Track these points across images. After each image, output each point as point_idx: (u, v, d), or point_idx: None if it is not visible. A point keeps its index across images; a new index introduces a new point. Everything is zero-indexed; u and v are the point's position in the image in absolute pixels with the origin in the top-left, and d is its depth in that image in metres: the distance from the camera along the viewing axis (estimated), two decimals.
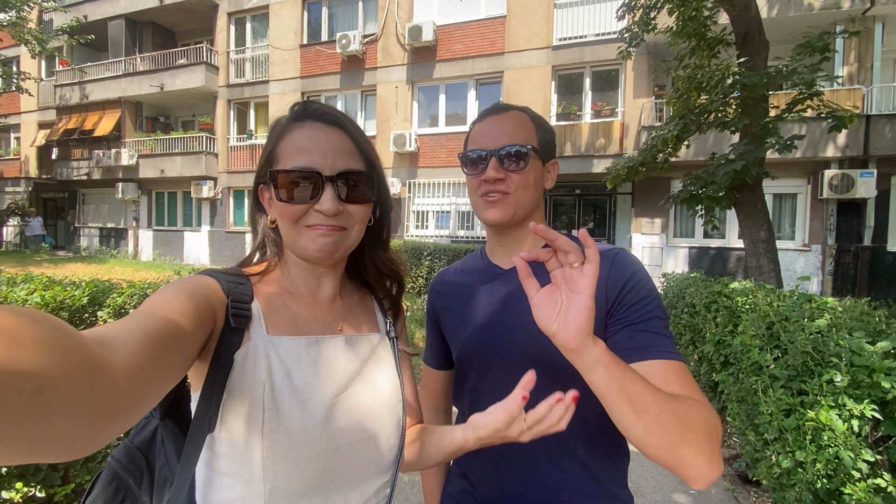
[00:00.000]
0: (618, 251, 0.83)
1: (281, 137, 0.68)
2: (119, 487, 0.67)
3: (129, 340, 0.41)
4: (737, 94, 4.91)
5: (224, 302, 0.61)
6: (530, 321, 0.80)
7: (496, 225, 0.87)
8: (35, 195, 16.86)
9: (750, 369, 2.31)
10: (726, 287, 3.40)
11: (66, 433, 0.31)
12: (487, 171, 0.84)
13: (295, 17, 12.93)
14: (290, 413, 0.61)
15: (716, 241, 9.87)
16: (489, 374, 0.86)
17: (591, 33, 10.33)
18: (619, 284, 0.78)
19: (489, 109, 0.91)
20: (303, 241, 0.67)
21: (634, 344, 0.73)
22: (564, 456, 0.80)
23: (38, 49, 12.46)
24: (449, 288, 0.98)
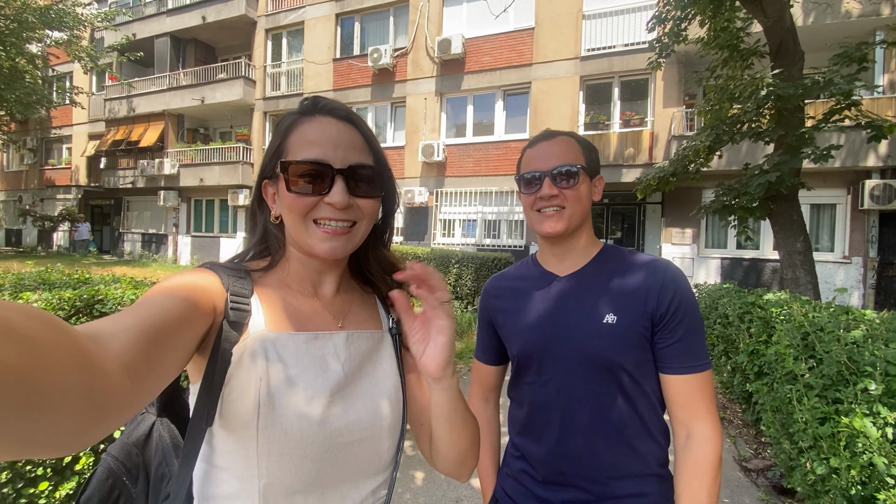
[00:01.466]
0: (667, 264, 0.96)
1: (290, 131, 0.67)
2: (114, 485, 0.67)
3: (124, 335, 0.41)
4: (771, 104, 4.89)
5: (223, 296, 0.61)
6: (585, 322, 0.95)
7: (552, 236, 0.99)
8: (84, 202, 17.88)
9: (784, 379, 2.34)
10: (760, 298, 3.41)
11: (58, 429, 0.31)
12: (542, 189, 0.96)
13: (329, 32, 13.43)
14: (286, 410, 0.60)
15: (749, 252, 9.66)
16: (548, 368, 0.97)
17: (619, 43, 10.36)
18: (668, 297, 0.90)
19: (539, 136, 1.03)
20: (310, 238, 0.66)
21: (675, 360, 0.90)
22: (617, 441, 0.92)
23: (90, 65, 13.31)
24: (506, 292, 1.09)
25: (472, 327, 6.64)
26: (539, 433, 0.98)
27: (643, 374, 0.92)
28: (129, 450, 0.68)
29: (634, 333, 0.90)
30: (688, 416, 0.90)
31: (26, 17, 10.61)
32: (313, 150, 0.64)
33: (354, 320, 0.74)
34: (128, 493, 0.66)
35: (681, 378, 0.90)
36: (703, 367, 0.90)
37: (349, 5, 13.15)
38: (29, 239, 19.00)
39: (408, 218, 12.36)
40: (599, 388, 0.93)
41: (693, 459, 0.88)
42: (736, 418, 3.94)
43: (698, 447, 0.88)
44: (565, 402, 0.95)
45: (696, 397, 0.89)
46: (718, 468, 0.87)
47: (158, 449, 0.68)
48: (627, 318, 0.91)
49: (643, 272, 0.95)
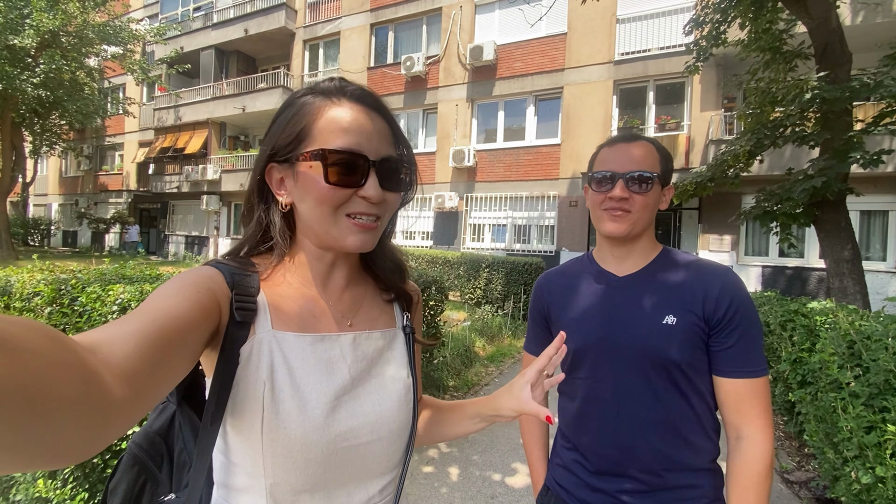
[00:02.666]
0: (727, 270, 0.98)
1: (318, 115, 0.62)
2: (140, 471, 0.69)
3: (125, 343, 0.41)
4: (816, 107, 4.74)
5: (228, 295, 0.59)
6: (644, 322, 1.00)
7: (615, 237, 1.01)
8: (133, 206, 18.96)
9: (829, 387, 2.29)
10: (804, 306, 3.32)
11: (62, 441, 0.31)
12: (614, 191, 0.97)
13: (363, 41, 13.81)
14: (289, 414, 0.59)
15: (793, 261, 9.29)
16: (605, 364, 0.99)
17: (654, 47, 10.21)
18: (726, 302, 0.92)
19: (619, 137, 1.04)
20: (339, 231, 0.63)
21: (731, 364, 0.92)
22: (672, 435, 0.95)
23: (142, 77, 14.15)
24: (561, 288, 1.12)
25: (501, 331, 6.68)
26: (594, 425, 1.01)
27: (698, 374, 0.95)
28: (152, 438, 0.70)
29: (692, 335, 0.94)
30: (737, 419, 0.92)
31: (86, 33, 11.42)
32: (348, 139, 0.61)
33: (365, 318, 0.72)
34: (154, 477, 0.69)
35: (732, 381, 0.92)
36: (758, 374, 0.91)
37: (383, 15, 13.49)
38: (83, 240, 20.28)
39: (438, 222, 12.51)
40: (656, 384, 0.96)
41: (743, 461, 0.90)
42: (777, 429, 3.83)
43: (748, 448, 0.90)
44: (622, 397, 0.98)
45: (748, 401, 0.90)
46: (769, 470, 0.89)
47: (180, 437, 0.69)
48: (686, 321, 0.94)
49: (702, 276, 0.97)
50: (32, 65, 10.35)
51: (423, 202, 12.85)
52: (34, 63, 10.42)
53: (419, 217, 12.96)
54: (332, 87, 0.64)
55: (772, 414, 0.94)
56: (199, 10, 16.97)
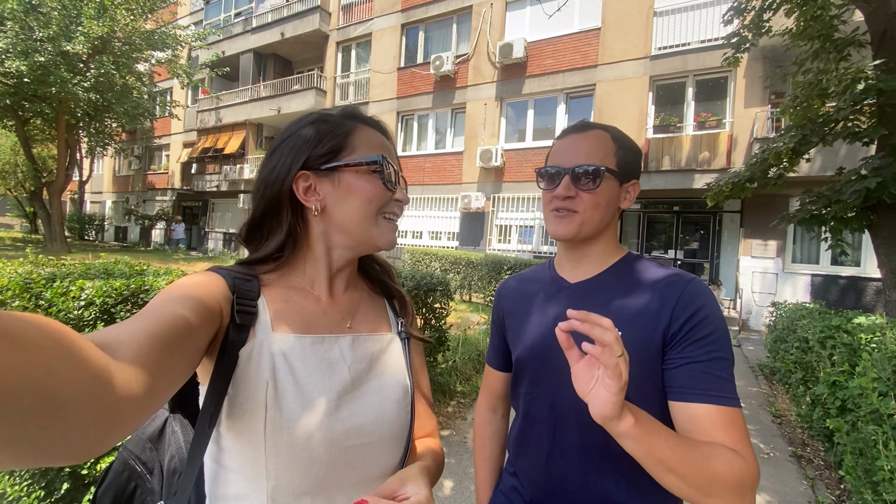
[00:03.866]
0: (690, 280, 0.81)
1: (352, 133, 0.71)
2: (130, 477, 0.68)
3: (134, 343, 0.42)
4: (872, 100, 4.27)
5: (230, 299, 0.61)
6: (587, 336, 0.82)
7: (561, 240, 0.90)
8: (177, 203, 19.91)
9: (869, 418, 1.99)
10: (848, 321, 2.96)
11: (74, 437, 0.32)
12: (558, 188, 0.87)
13: (394, 42, 13.86)
14: (293, 413, 0.60)
15: (847, 269, 8.52)
16: (544, 380, 0.88)
17: (695, 40, 9.65)
18: (685, 314, 0.77)
19: (572, 127, 0.92)
20: (378, 230, 0.71)
21: (693, 385, 0.74)
22: (611, 471, 0.81)
23: (187, 81, 14.82)
24: (515, 294, 1.02)
25: None
26: (529, 449, 0.90)
27: (647, 401, 0.78)
28: (143, 444, 0.70)
29: (640, 353, 0.78)
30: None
31: (134, 39, 12.04)
32: (380, 151, 0.71)
33: (363, 321, 0.75)
34: (143, 484, 0.68)
35: (696, 406, 0.72)
36: (727, 401, 0.71)
37: (414, 15, 13.49)
38: (132, 236, 21.48)
39: (464, 223, 12.36)
40: None
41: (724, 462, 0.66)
42: (817, 458, 3.45)
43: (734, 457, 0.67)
44: (557, 420, 0.86)
45: (721, 429, 0.69)
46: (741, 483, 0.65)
47: (171, 444, 0.69)
48: (635, 337, 0.79)
49: (662, 285, 0.82)
50: (84, 69, 10.99)
51: (450, 202, 12.74)
52: (86, 68, 11.06)
53: (445, 217, 12.86)
54: (352, 110, 0.74)
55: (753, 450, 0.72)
56: (240, 16, 17.58)
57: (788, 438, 3.77)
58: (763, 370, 5.86)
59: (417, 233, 13.43)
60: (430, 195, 12.99)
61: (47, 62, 10.00)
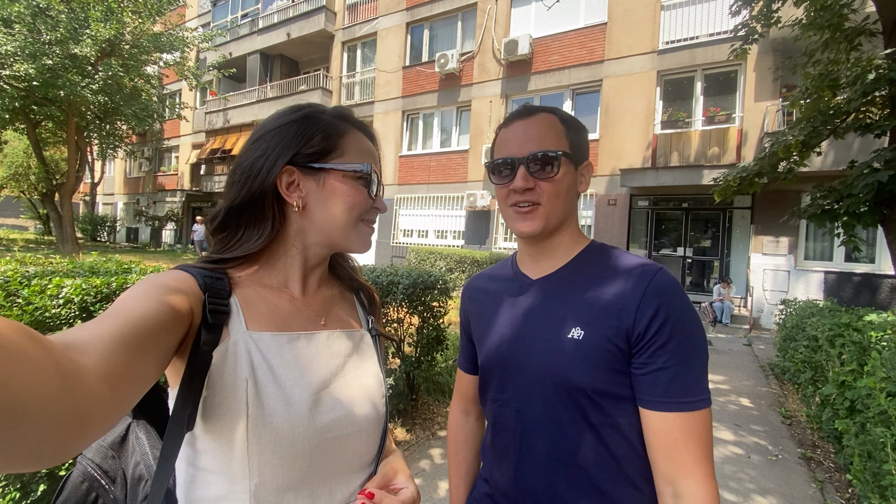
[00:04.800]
0: (655, 271, 0.75)
1: (344, 134, 0.71)
2: (91, 487, 0.66)
3: (100, 343, 0.40)
4: (883, 90, 4.12)
5: (200, 298, 0.59)
6: (548, 335, 0.79)
7: (528, 237, 0.84)
8: (187, 204, 20.09)
9: (878, 419, 1.90)
10: (858, 319, 2.85)
11: (41, 441, 0.30)
12: (516, 181, 0.80)
13: (399, 41, 13.84)
14: (275, 409, 0.60)
15: (862, 266, 8.30)
16: (509, 385, 0.83)
17: (703, 33, 9.48)
18: (650, 312, 0.71)
19: (515, 113, 0.86)
20: (357, 234, 0.71)
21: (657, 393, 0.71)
22: (582, 482, 0.76)
23: (195, 83, 14.95)
24: (479, 294, 0.97)
25: None
26: (498, 458, 0.85)
27: (615, 406, 0.74)
28: (104, 452, 0.68)
29: (604, 354, 0.73)
30: (671, 469, 0.69)
31: (142, 42, 12.16)
32: (368, 159, 0.71)
33: (336, 318, 0.75)
34: (105, 495, 0.66)
35: (661, 416, 0.70)
36: (695, 406, 0.69)
37: (419, 13, 13.45)
38: (143, 237, 21.75)
39: (469, 222, 12.30)
40: (560, 415, 0.76)
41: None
42: (827, 460, 3.34)
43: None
44: (524, 427, 0.80)
45: (682, 444, 0.69)
46: None
47: (135, 451, 0.67)
48: (596, 334, 0.74)
49: (625, 278, 0.76)
50: (92, 72, 11.12)
51: (455, 201, 12.67)
52: (94, 71, 11.19)
53: (451, 216, 12.80)
54: (345, 112, 0.74)
55: (712, 459, 0.70)
56: (247, 17, 17.70)
57: (798, 440, 3.65)
58: (773, 369, 5.72)
59: (423, 232, 13.38)
60: (436, 194, 12.94)
61: (55, 65, 10.12)
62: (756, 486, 2.89)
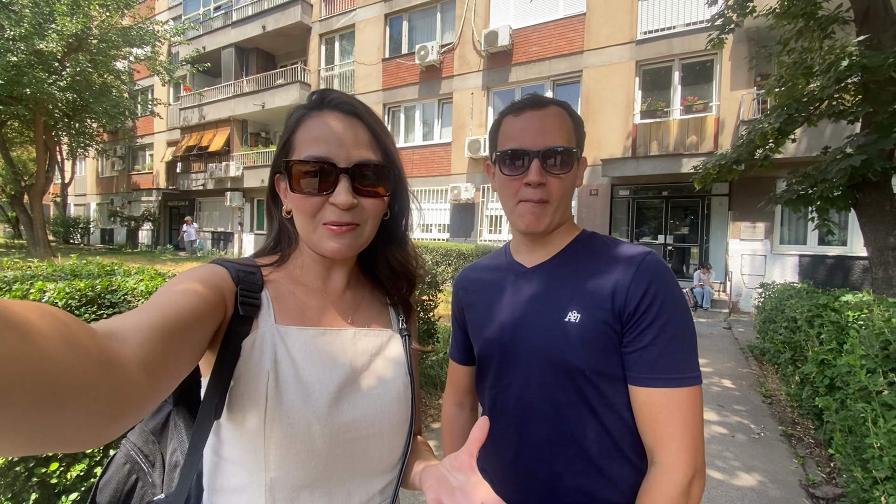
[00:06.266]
0: (645, 254, 0.78)
1: (298, 126, 0.66)
2: (132, 470, 0.68)
3: (140, 332, 0.42)
4: (856, 77, 4.25)
5: (233, 290, 0.61)
6: (546, 320, 0.81)
7: (533, 234, 0.84)
8: (164, 204, 19.58)
9: (858, 395, 1.98)
10: (835, 300, 2.95)
11: (79, 424, 0.31)
12: (531, 175, 0.78)
13: (378, 32, 13.65)
14: (294, 404, 0.60)
15: (834, 249, 8.59)
16: (508, 372, 0.85)
17: (680, 23, 9.60)
18: (639, 293, 0.74)
19: (526, 102, 0.83)
20: (317, 237, 0.66)
21: (647, 369, 0.73)
22: (581, 461, 0.78)
23: (168, 78, 14.50)
24: (473, 284, 0.97)
25: None
26: (497, 445, 0.86)
27: (611, 386, 0.77)
28: (146, 436, 0.69)
29: (600, 335, 0.76)
30: (652, 440, 0.73)
31: (111, 36, 11.73)
32: (318, 148, 0.63)
33: (364, 317, 0.74)
34: (145, 477, 0.68)
35: (647, 392, 0.73)
36: (680, 382, 0.72)
37: (397, 4, 13.28)
38: (119, 238, 21.14)
39: (454, 214, 12.29)
40: (559, 397, 0.79)
41: (648, 492, 0.71)
42: (807, 436, 3.47)
43: (656, 477, 0.71)
44: (524, 412, 0.82)
45: (664, 417, 0.71)
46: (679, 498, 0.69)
47: (173, 437, 0.68)
48: (592, 317, 0.76)
49: (617, 263, 0.79)
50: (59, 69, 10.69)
51: (439, 194, 12.65)
52: (61, 67, 10.76)
53: (435, 209, 12.77)
54: (315, 98, 0.68)
55: (699, 434, 0.72)
56: (220, 10, 17.23)
57: (779, 418, 3.79)
58: (753, 351, 5.90)
59: None
60: (420, 187, 12.88)
61: (20, 62, 9.70)
62: (741, 464, 3.00)
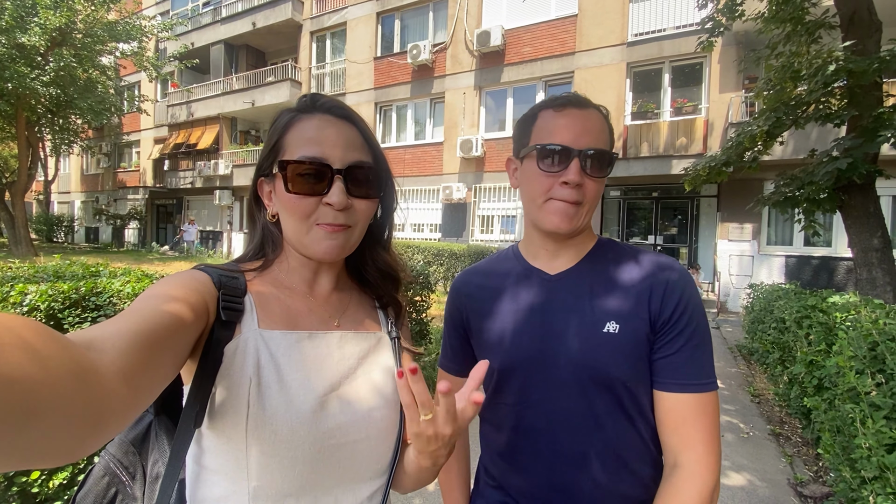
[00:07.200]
0: (672, 262, 0.81)
1: (288, 128, 0.66)
2: (111, 482, 0.66)
3: (119, 341, 0.40)
4: (842, 82, 4.32)
5: (215, 295, 0.59)
6: (582, 331, 0.78)
7: (560, 234, 0.81)
8: (150, 202, 19.28)
9: (846, 396, 2.01)
10: (823, 301, 3.00)
11: (56, 438, 0.30)
12: (571, 174, 0.76)
13: (370, 31, 13.58)
14: (276, 410, 0.58)
15: (819, 250, 8.74)
16: (537, 386, 0.80)
17: (670, 26, 9.69)
18: (672, 303, 0.76)
19: (570, 99, 0.81)
20: (310, 239, 0.65)
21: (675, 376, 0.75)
22: (619, 468, 0.78)
23: (155, 74, 14.27)
24: (482, 291, 0.90)
25: None
26: (524, 462, 0.82)
27: (642, 390, 0.78)
28: (126, 448, 0.68)
29: (639, 345, 0.76)
30: (676, 442, 0.74)
31: (96, 30, 11.50)
32: (312, 149, 0.63)
33: (351, 319, 0.73)
34: (125, 490, 0.66)
35: (674, 397, 0.74)
36: (705, 388, 0.74)
37: (389, 3, 13.22)
38: (104, 237, 20.77)
39: (446, 214, 12.28)
40: (599, 408, 0.77)
41: (673, 495, 0.71)
42: (795, 435, 3.52)
43: (683, 481, 0.71)
44: (558, 427, 0.79)
45: (690, 421, 0.73)
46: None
47: (154, 448, 0.67)
48: (631, 327, 0.76)
49: (645, 271, 0.80)
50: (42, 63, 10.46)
51: (431, 193, 12.62)
52: (44, 61, 10.53)
53: (427, 209, 12.75)
54: (306, 101, 0.67)
55: (719, 439, 0.75)
56: (209, 5, 16.98)
57: (767, 417, 3.84)
58: (741, 351, 5.97)
59: (399, 225, 13.26)
60: (411, 187, 12.85)
61: (1, 56, 9.48)
62: (731, 463, 3.03)
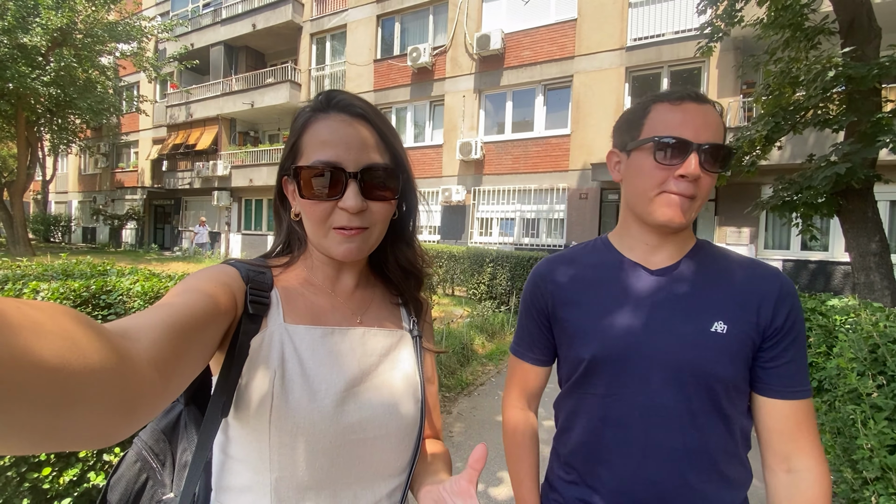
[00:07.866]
0: (778, 270, 0.83)
1: (305, 129, 0.66)
2: (143, 468, 0.68)
3: (152, 331, 0.42)
4: (841, 87, 4.37)
5: (243, 289, 0.61)
6: (688, 329, 0.79)
7: (670, 227, 0.80)
8: (148, 202, 19.23)
9: (847, 397, 2.03)
10: (822, 304, 3.03)
11: (91, 423, 0.31)
12: (690, 167, 0.75)
13: (370, 33, 13.62)
14: (299, 403, 0.60)
15: (817, 254, 8.80)
16: (632, 379, 0.80)
17: (669, 31, 9.77)
18: (784, 311, 0.78)
19: (688, 93, 0.79)
20: (328, 242, 0.66)
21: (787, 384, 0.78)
22: (710, 469, 0.78)
23: (154, 75, 14.28)
24: (574, 281, 0.89)
25: (504, 328, 6.46)
26: (610, 456, 0.81)
27: (739, 393, 0.79)
28: (157, 435, 0.70)
29: (745, 348, 0.77)
30: (790, 448, 0.77)
31: (96, 31, 11.50)
32: (326, 152, 0.63)
33: (374, 317, 0.74)
34: (155, 476, 0.68)
35: (786, 404, 0.77)
36: (808, 394, 0.79)
37: (390, 6, 13.27)
38: (102, 237, 20.69)
39: (445, 216, 12.30)
40: (695, 405, 0.77)
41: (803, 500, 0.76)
42: None
43: (809, 488, 0.76)
44: (651, 421, 0.78)
45: (804, 427, 0.77)
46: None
47: (184, 437, 0.69)
48: (739, 329, 0.77)
49: (754, 276, 0.80)
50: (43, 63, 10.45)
51: (430, 196, 12.64)
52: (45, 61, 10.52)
53: (426, 211, 12.72)
54: (322, 100, 0.67)
55: None
56: (209, 7, 17.01)
57: None
58: None
59: None
60: None
61: (3, 56, 9.47)
62: None
